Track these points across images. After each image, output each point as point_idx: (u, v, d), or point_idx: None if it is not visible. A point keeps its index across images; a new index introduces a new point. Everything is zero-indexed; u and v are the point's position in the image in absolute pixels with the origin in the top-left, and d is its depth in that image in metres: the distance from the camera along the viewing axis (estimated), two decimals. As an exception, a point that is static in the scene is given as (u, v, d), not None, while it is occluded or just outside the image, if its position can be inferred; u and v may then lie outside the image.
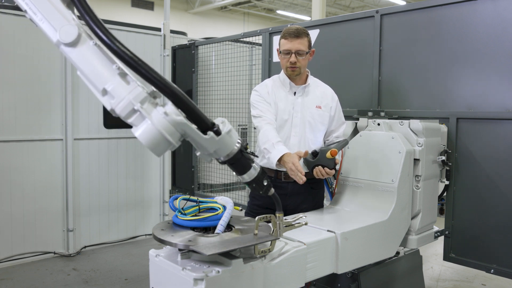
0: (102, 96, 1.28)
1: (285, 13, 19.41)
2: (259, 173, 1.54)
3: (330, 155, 2.33)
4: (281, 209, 1.64)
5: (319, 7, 11.68)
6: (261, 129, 2.43)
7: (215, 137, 1.35)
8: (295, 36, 2.42)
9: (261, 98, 2.52)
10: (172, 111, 1.27)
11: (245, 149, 1.49)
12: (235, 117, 4.88)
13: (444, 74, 2.89)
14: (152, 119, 1.25)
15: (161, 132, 1.24)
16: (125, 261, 4.43)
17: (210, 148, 1.37)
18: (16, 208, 4.27)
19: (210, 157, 1.43)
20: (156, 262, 1.61)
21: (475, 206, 2.74)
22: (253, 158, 1.53)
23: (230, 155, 1.43)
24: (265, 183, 1.57)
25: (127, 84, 1.27)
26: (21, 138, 4.27)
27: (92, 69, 1.28)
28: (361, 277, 2.44)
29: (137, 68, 1.24)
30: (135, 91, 1.26)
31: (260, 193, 1.58)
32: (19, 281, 3.89)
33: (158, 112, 1.25)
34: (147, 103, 1.27)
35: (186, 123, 1.29)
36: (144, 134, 1.25)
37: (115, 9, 16.13)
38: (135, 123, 1.27)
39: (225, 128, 1.38)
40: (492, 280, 3.91)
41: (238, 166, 1.49)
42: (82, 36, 1.29)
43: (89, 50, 1.29)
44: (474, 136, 2.73)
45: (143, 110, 1.25)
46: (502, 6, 2.62)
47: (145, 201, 5.23)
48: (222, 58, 5.00)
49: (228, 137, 1.40)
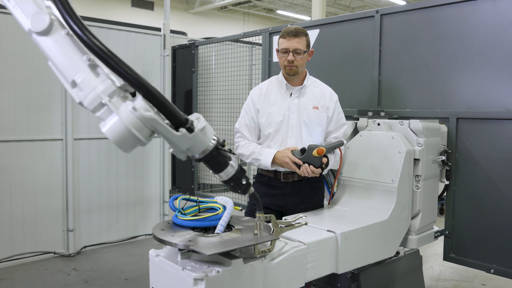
0: (72, 88, 1.23)
1: (285, 13, 19.41)
2: (237, 171, 1.48)
3: (317, 153, 2.29)
4: (261, 209, 1.59)
5: (319, 7, 11.68)
6: (239, 144, 2.56)
7: (187, 134, 1.29)
8: (293, 35, 2.43)
9: (248, 109, 2.57)
10: (141, 106, 1.21)
11: (222, 146, 1.43)
12: (235, 117, 4.87)
13: (444, 74, 2.89)
14: (120, 114, 1.19)
15: (129, 128, 1.18)
16: (125, 261, 4.43)
17: (182, 145, 1.31)
18: (16, 208, 4.27)
19: (184, 154, 1.37)
20: (156, 262, 1.61)
21: (475, 206, 2.74)
22: (231, 155, 1.47)
23: (205, 152, 1.37)
24: (244, 182, 1.51)
25: (97, 77, 1.21)
26: (21, 138, 4.28)
27: (62, 59, 1.23)
28: (361, 277, 2.44)
29: (106, 60, 1.18)
30: (104, 84, 1.20)
31: (239, 192, 1.52)
32: (19, 281, 3.89)
33: (126, 107, 1.19)
34: (116, 96, 1.21)
35: (155, 119, 1.22)
36: (111, 129, 1.19)
37: (115, 9, 16.14)
38: (103, 117, 1.21)
39: (199, 125, 1.32)
40: (492, 280, 3.91)
41: (214, 164, 1.43)
42: (54, 24, 1.23)
43: (60, 39, 1.23)
44: (474, 136, 2.73)
45: (111, 104, 1.19)
46: (502, 6, 2.62)
47: (145, 201, 5.23)
48: (222, 58, 5.00)
49: (202, 134, 1.33)
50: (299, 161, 2.31)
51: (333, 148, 2.45)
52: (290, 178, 2.50)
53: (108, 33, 4.77)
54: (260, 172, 2.60)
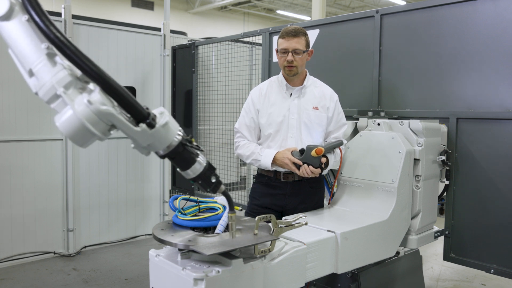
0: (29, 77, 1.17)
1: (285, 13, 19.41)
2: (206, 168, 1.40)
3: (315, 154, 2.29)
4: (233, 209, 1.53)
5: (319, 7, 11.68)
6: (239, 144, 2.56)
7: (147, 130, 1.22)
8: (292, 35, 2.43)
9: (248, 109, 2.57)
10: (97, 99, 1.13)
11: (189, 142, 1.36)
12: (235, 117, 4.87)
13: (444, 74, 2.89)
14: (74, 107, 1.11)
15: (83, 122, 1.11)
16: (125, 261, 4.43)
17: (143, 141, 1.24)
18: (16, 208, 4.27)
19: (146, 150, 1.29)
20: (156, 262, 1.61)
21: (475, 206, 2.74)
22: (199, 152, 1.40)
23: (170, 147, 1.30)
24: (214, 180, 1.42)
25: (53, 66, 1.15)
26: (21, 138, 4.28)
27: (21, 46, 1.17)
28: (361, 277, 2.44)
29: (62, 48, 1.11)
30: (59, 74, 1.14)
31: (208, 191, 1.44)
32: (19, 281, 3.89)
33: (81, 100, 1.12)
34: (72, 88, 1.14)
35: (112, 114, 1.15)
36: (65, 123, 1.12)
37: (115, 9, 16.14)
38: (57, 109, 1.14)
39: (161, 120, 1.25)
40: (492, 280, 3.91)
41: (179, 161, 1.36)
42: (15, 9, 1.16)
43: (20, 25, 1.16)
44: (474, 136, 2.73)
45: (65, 96, 1.12)
46: (502, 6, 2.62)
47: (145, 201, 5.23)
48: (222, 58, 5.00)
49: (164, 130, 1.26)
50: (299, 162, 2.31)
51: (332, 148, 2.44)
52: (290, 178, 2.50)
53: (108, 33, 4.77)
54: (260, 172, 2.60)
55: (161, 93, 5.20)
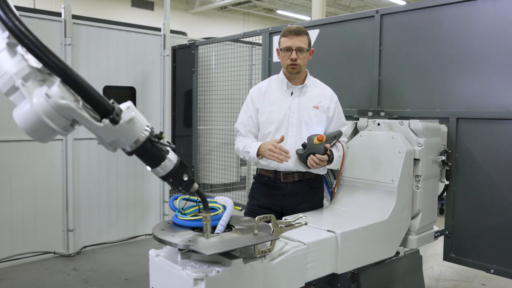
0: None
1: (285, 13, 19.41)
2: (176, 166, 1.33)
3: (318, 141, 2.31)
4: (207, 208, 1.50)
5: (319, 7, 11.68)
6: (235, 140, 2.58)
7: (110, 126, 1.16)
8: (295, 33, 2.44)
9: (247, 108, 2.57)
10: (56, 92, 1.07)
11: (159, 138, 1.29)
12: (235, 117, 4.86)
13: (444, 74, 2.89)
14: (31, 100, 1.06)
15: (40, 116, 1.06)
16: (125, 261, 4.43)
17: (106, 138, 1.18)
18: (16, 208, 4.27)
19: (111, 146, 1.23)
20: (156, 262, 1.61)
21: (475, 206, 2.74)
22: (169, 149, 1.33)
23: (137, 144, 1.24)
24: (186, 178, 1.36)
25: (12, 57, 1.09)
26: (21, 138, 4.27)
27: None
28: (361, 277, 2.44)
29: (20, 37, 1.05)
30: (18, 65, 1.08)
31: (179, 190, 1.38)
32: (19, 281, 3.89)
33: (40, 93, 1.06)
34: (31, 80, 1.09)
35: (72, 108, 1.09)
36: (22, 117, 1.07)
37: (115, 9, 16.14)
38: (16, 102, 1.09)
39: (126, 116, 1.18)
40: (492, 280, 3.91)
41: (148, 158, 1.30)
42: None
43: None
44: (474, 136, 2.73)
45: (24, 88, 1.07)
46: (502, 6, 2.63)
47: (145, 201, 5.23)
48: (222, 58, 5.00)
49: (129, 126, 1.19)
50: (285, 149, 2.27)
51: (333, 136, 2.43)
52: (290, 178, 2.50)
53: (108, 33, 4.77)
54: (260, 172, 2.59)
55: (161, 93, 5.20)
